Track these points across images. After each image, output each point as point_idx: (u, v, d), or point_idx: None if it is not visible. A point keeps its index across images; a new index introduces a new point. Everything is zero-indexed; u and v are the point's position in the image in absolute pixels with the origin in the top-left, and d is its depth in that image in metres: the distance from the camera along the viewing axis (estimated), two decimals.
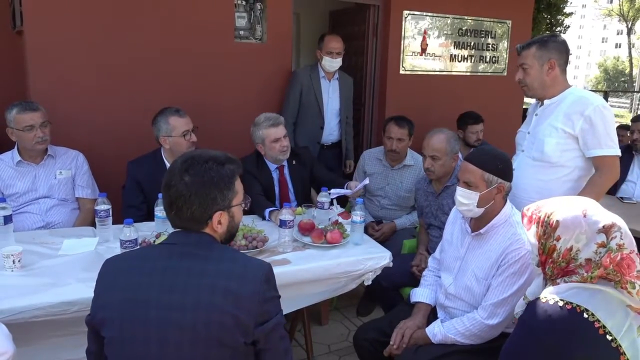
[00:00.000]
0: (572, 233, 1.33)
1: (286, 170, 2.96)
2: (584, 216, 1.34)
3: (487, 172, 1.89)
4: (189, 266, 1.25)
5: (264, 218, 2.64)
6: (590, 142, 2.21)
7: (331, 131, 3.84)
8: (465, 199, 1.92)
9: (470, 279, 1.96)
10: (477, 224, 1.98)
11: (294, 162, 2.97)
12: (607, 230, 1.31)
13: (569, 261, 1.34)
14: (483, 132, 3.95)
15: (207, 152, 1.37)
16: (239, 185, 1.38)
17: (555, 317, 1.27)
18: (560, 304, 1.28)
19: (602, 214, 1.35)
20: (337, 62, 3.65)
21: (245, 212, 1.50)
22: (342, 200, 3.16)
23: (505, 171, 1.92)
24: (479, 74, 4.82)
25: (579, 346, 1.23)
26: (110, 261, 1.34)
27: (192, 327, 1.19)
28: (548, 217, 1.38)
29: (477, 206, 1.91)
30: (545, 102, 2.34)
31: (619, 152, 2.24)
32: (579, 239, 1.32)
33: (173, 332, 1.20)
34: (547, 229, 1.38)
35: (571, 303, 1.27)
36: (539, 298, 1.35)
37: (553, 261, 1.37)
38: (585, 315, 1.24)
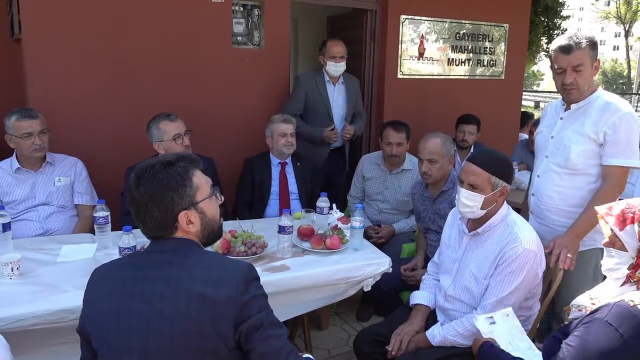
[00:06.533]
0: None
1: (289, 168, 3.16)
2: None
3: (493, 175, 1.89)
4: (167, 275, 1.24)
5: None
6: (608, 150, 2.09)
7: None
8: (470, 201, 1.91)
9: (469, 280, 1.96)
10: (475, 224, 1.99)
11: (298, 164, 3.18)
12: None
13: None
14: (476, 135, 3.92)
15: (156, 158, 1.36)
16: (199, 180, 1.33)
17: None
18: None
19: None
20: (341, 67, 3.61)
21: (244, 216, 1.48)
22: (341, 205, 3.16)
23: (509, 175, 1.93)
24: (477, 77, 4.83)
25: None
26: (97, 271, 1.35)
27: (172, 336, 1.19)
28: None
29: (481, 208, 1.91)
30: (572, 106, 2.18)
31: (637, 164, 2.10)
32: None
33: (154, 342, 1.20)
34: None
35: None
36: (623, 300, 1.33)
37: None
38: None
